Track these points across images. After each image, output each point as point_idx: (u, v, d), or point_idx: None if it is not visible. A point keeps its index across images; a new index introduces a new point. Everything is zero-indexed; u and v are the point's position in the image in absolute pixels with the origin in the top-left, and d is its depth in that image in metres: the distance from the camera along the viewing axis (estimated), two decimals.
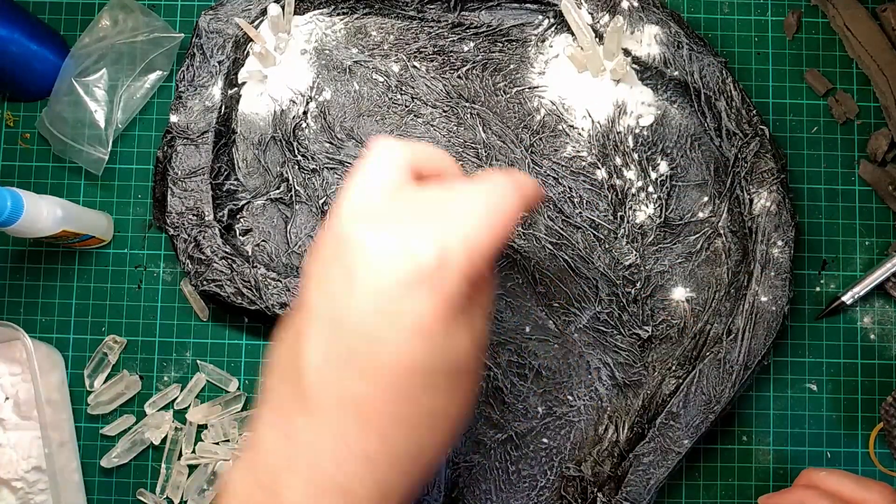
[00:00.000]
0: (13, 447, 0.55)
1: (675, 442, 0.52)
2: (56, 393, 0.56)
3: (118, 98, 0.59)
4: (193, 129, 0.55)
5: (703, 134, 0.55)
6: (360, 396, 0.33)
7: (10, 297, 0.59)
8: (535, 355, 0.54)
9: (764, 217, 0.53)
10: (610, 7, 0.55)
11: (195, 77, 0.56)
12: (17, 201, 0.49)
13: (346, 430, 0.33)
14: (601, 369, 0.54)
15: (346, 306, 0.33)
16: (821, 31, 0.60)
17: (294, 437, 0.33)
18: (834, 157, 0.59)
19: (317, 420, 0.33)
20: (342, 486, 0.33)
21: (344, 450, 0.33)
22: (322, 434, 0.33)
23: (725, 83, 0.54)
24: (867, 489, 0.46)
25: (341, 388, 0.33)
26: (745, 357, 0.52)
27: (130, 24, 0.59)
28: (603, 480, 0.53)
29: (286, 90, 0.57)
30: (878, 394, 0.57)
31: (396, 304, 0.33)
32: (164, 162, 0.55)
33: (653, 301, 0.55)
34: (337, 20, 0.57)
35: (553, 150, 0.55)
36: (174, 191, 0.55)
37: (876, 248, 0.58)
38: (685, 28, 0.54)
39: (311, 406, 0.33)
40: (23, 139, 0.61)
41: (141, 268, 0.59)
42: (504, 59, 0.56)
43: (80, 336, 0.59)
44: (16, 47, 0.57)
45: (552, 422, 0.54)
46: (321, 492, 0.33)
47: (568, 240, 0.55)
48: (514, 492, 0.53)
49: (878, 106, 0.59)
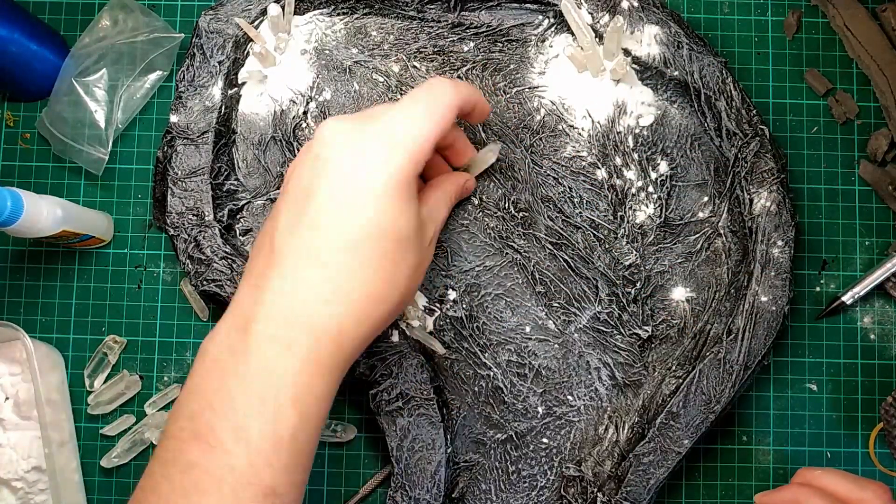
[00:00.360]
0: (13, 447, 0.55)
1: (675, 442, 0.52)
2: (56, 393, 0.56)
3: (118, 98, 0.59)
4: (193, 129, 0.55)
5: (703, 134, 0.55)
6: (318, 248, 0.40)
7: (10, 297, 0.59)
8: (534, 355, 0.54)
9: (764, 217, 0.53)
10: (610, 7, 0.55)
11: (195, 77, 0.56)
12: (17, 201, 0.49)
13: (307, 276, 0.40)
14: (601, 369, 0.54)
15: (312, 182, 0.42)
16: (821, 31, 0.60)
17: (263, 286, 0.40)
18: (834, 157, 0.59)
19: (283, 270, 0.40)
20: (302, 321, 0.40)
21: (305, 292, 0.40)
22: (287, 280, 0.40)
23: (725, 83, 0.54)
24: (862, 488, 0.46)
25: (304, 242, 0.41)
26: (745, 357, 0.52)
27: (130, 24, 0.59)
28: (603, 480, 0.53)
29: (286, 90, 0.57)
30: (878, 394, 0.57)
31: (353, 174, 0.41)
32: (164, 162, 0.55)
33: (653, 301, 0.55)
34: (337, 20, 0.57)
35: (553, 150, 0.55)
36: (174, 191, 0.55)
37: (876, 248, 0.58)
38: (685, 28, 0.54)
39: (278, 260, 0.41)
40: (23, 139, 0.61)
41: (141, 268, 0.59)
42: (504, 59, 0.56)
43: (80, 336, 0.59)
44: (16, 47, 0.57)
45: (552, 422, 0.54)
46: (285, 325, 0.39)
47: (568, 240, 0.55)
48: (513, 492, 0.53)
49: (878, 106, 0.59)
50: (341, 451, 0.58)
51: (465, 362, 0.54)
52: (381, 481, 0.57)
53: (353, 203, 0.41)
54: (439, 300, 0.55)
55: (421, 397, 0.52)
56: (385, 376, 0.53)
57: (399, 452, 0.52)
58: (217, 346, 0.40)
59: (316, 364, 0.40)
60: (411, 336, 0.54)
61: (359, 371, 0.53)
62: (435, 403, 0.52)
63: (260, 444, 0.38)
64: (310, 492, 0.57)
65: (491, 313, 0.55)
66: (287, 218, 0.42)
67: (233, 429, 0.38)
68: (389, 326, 0.53)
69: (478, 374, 0.54)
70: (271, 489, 0.38)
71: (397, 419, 0.52)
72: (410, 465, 0.52)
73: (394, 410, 0.52)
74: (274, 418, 0.38)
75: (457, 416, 0.54)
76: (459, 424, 0.54)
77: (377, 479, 0.57)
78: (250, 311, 0.40)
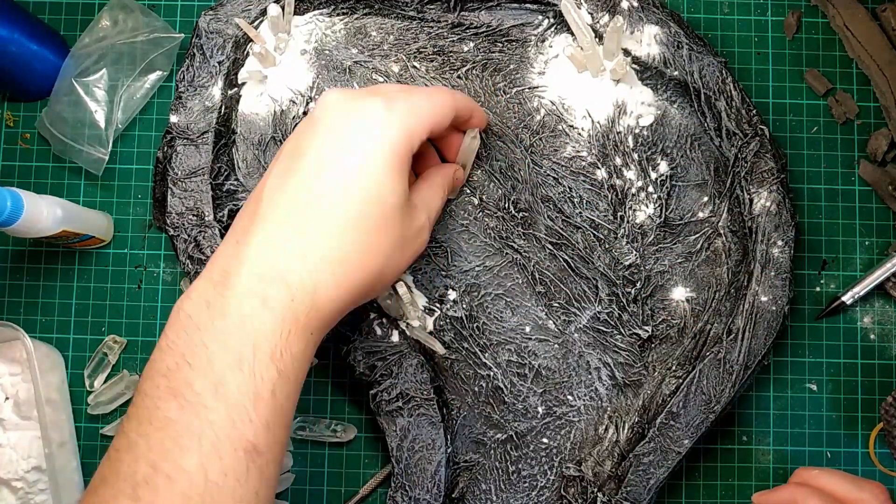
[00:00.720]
0: (13, 447, 0.55)
1: (676, 442, 0.52)
2: (56, 393, 0.56)
3: (118, 98, 0.59)
4: (193, 130, 0.55)
5: (702, 134, 0.55)
6: (302, 206, 0.40)
7: (10, 297, 0.59)
8: (534, 355, 0.54)
9: (764, 217, 0.53)
10: (610, 7, 0.55)
11: (195, 77, 0.56)
12: (17, 201, 0.49)
13: (287, 234, 0.40)
14: (601, 369, 0.54)
15: (304, 141, 0.42)
16: (821, 31, 0.60)
17: (244, 241, 0.40)
18: (834, 157, 0.59)
19: (265, 226, 0.40)
20: (281, 275, 0.39)
21: (284, 248, 0.40)
22: (268, 235, 0.40)
23: (725, 83, 0.54)
24: (860, 488, 0.46)
25: (289, 198, 0.41)
26: (745, 357, 0.52)
27: (130, 25, 0.59)
28: (603, 480, 0.53)
29: (286, 90, 0.57)
30: (878, 394, 0.57)
31: (346, 138, 0.41)
32: (164, 162, 0.55)
33: (653, 301, 0.55)
34: (337, 20, 0.57)
35: (553, 150, 0.55)
36: (174, 191, 0.55)
37: (876, 248, 0.58)
38: (685, 28, 0.54)
39: (261, 216, 0.41)
40: (23, 139, 0.61)
41: (141, 268, 0.59)
42: (504, 60, 0.56)
43: (80, 336, 0.59)
44: (16, 47, 0.57)
45: (552, 422, 0.54)
46: (263, 279, 0.39)
47: (568, 240, 0.55)
48: (514, 492, 0.53)
49: (878, 106, 0.59)
50: (341, 451, 0.58)
51: (465, 362, 0.55)
52: (381, 481, 0.57)
53: (340, 165, 0.41)
54: (439, 300, 0.55)
55: (421, 397, 0.52)
56: (385, 376, 0.53)
57: (399, 452, 0.52)
58: (193, 302, 0.39)
59: (293, 321, 0.39)
60: (411, 336, 0.54)
61: (359, 371, 0.53)
62: (435, 403, 0.52)
63: (239, 399, 0.37)
64: (310, 492, 0.57)
65: (491, 313, 0.55)
66: (276, 175, 0.42)
67: (211, 384, 0.37)
68: (389, 326, 0.53)
69: (478, 374, 0.54)
70: (252, 444, 0.37)
71: (397, 419, 0.52)
72: (410, 465, 0.52)
73: (394, 410, 0.52)
74: (253, 373, 0.38)
75: (457, 416, 0.54)
76: (459, 424, 0.54)
77: (377, 479, 0.57)
78: (229, 266, 0.40)
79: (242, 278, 0.39)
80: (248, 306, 0.39)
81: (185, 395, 0.37)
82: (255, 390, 0.37)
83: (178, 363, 0.38)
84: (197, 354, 0.38)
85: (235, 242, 0.41)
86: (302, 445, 0.58)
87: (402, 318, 0.54)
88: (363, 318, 0.53)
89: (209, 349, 0.38)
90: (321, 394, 0.58)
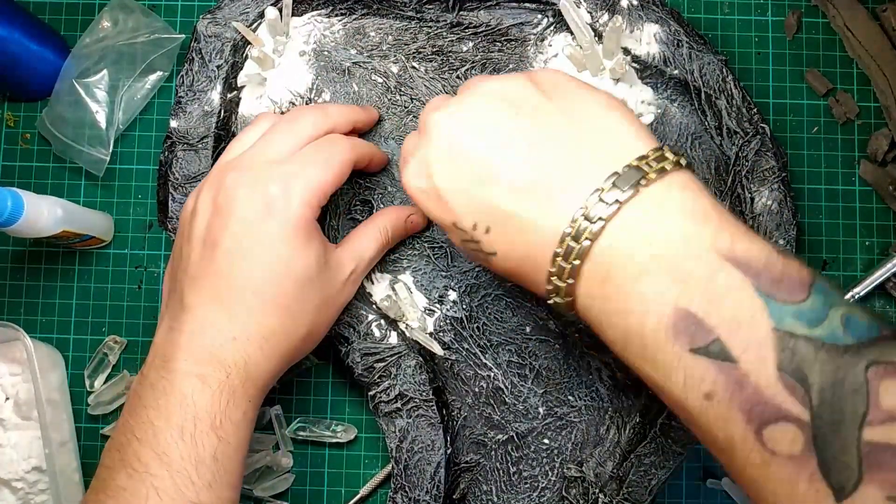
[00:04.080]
0: (13, 447, 0.55)
1: (677, 442, 0.51)
2: (56, 393, 0.56)
3: (119, 99, 0.59)
4: (193, 135, 0.55)
5: (703, 132, 0.55)
6: (224, 294, 0.45)
7: (10, 297, 0.59)
8: (535, 355, 0.54)
9: (765, 215, 0.53)
10: (609, 6, 0.55)
11: (194, 82, 0.56)
12: (18, 201, 0.49)
13: (215, 319, 0.45)
14: (602, 369, 0.54)
15: (216, 233, 0.46)
16: (821, 31, 0.60)
17: (178, 328, 0.45)
18: (834, 157, 0.59)
19: (195, 314, 0.45)
20: (214, 356, 0.44)
21: (213, 333, 0.45)
22: (198, 322, 0.45)
23: (725, 81, 0.54)
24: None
25: (212, 288, 0.45)
26: None
27: (131, 25, 0.59)
28: (605, 481, 0.53)
29: (286, 92, 0.57)
30: None
31: (253, 224, 0.45)
32: (166, 167, 0.55)
33: None
34: (335, 21, 0.57)
35: None
36: (175, 196, 0.55)
37: (876, 248, 0.58)
38: (685, 26, 0.54)
39: (189, 305, 0.45)
40: (23, 139, 0.61)
41: (141, 268, 0.59)
42: (503, 59, 0.56)
43: (80, 336, 0.59)
44: (16, 47, 0.57)
45: (553, 422, 0.54)
46: (198, 362, 0.44)
47: None
48: (515, 493, 0.53)
49: (879, 106, 0.59)
50: (341, 452, 0.57)
51: (465, 363, 0.54)
52: (381, 482, 0.57)
53: (253, 251, 0.45)
54: (439, 301, 0.55)
55: (420, 398, 0.52)
56: (384, 377, 0.53)
57: (399, 454, 0.52)
58: (142, 385, 0.45)
59: (230, 393, 0.44)
60: (411, 337, 0.54)
61: (357, 372, 0.53)
62: (434, 404, 0.52)
63: (181, 464, 0.42)
64: (310, 492, 0.57)
65: (491, 314, 0.55)
66: (195, 267, 0.46)
67: (156, 455, 0.42)
68: (388, 327, 0.53)
69: (478, 374, 0.54)
70: (194, 503, 0.42)
71: (396, 420, 0.52)
72: (410, 466, 0.52)
73: (393, 412, 0.52)
74: (194, 442, 0.42)
75: (457, 417, 0.54)
76: (460, 425, 0.54)
77: (377, 479, 0.57)
78: (166, 352, 0.45)
79: (180, 363, 0.44)
80: (188, 386, 0.43)
81: (133, 466, 0.42)
82: (197, 456, 0.42)
83: (129, 438, 0.43)
84: (144, 430, 0.43)
85: (170, 329, 0.46)
86: (302, 445, 0.58)
87: (402, 319, 0.54)
88: (361, 319, 0.53)
89: (154, 425, 0.43)
90: (321, 394, 0.58)
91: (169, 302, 0.48)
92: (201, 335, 0.45)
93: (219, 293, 0.45)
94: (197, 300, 0.46)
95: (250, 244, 0.45)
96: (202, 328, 0.45)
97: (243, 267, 0.45)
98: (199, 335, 0.45)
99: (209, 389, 0.43)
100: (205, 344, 0.45)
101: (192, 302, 0.46)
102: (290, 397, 0.58)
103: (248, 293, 0.45)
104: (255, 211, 0.46)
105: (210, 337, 0.45)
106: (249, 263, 0.45)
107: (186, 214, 0.49)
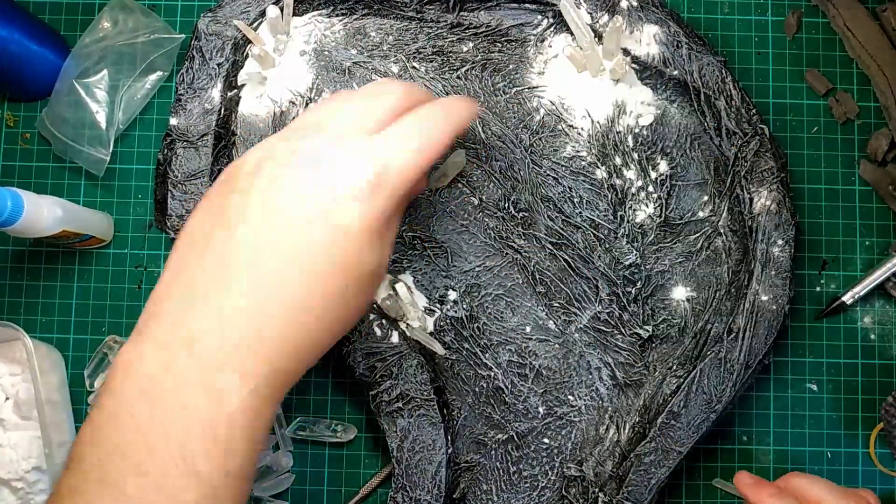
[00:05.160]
0: (13, 447, 0.55)
1: (677, 441, 0.52)
2: (56, 393, 0.56)
3: (119, 99, 0.59)
4: (193, 132, 0.55)
5: (702, 133, 0.55)
6: (276, 285, 0.37)
7: (10, 297, 0.59)
8: (535, 355, 0.54)
9: (764, 216, 0.53)
10: (609, 7, 0.55)
11: (194, 80, 0.56)
12: (18, 201, 0.49)
13: (236, 320, 0.37)
14: (602, 369, 0.54)
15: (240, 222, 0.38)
16: (821, 31, 0.60)
17: (194, 353, 0.37)
18: (834, 157, 0.59)
19: (219, 333, 0.37)
20: (231, 361, 0.36)
21: (234, 332, 0.37)
22: (216, 325, 0.37)
23: (725, 82, 0.54)
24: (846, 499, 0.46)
25: (258, 275, 0.37)
26: (745, 356, 0.52)
27: (131, 25, 0.59)
28: (604, 480, 0.53)
29: (286, 92, 0.57)
30: (878, 394, 0.57)
31: (333, 215, 0.37)
32: (165, 164, 0.55)
33: (653, 300, 0.55)
34: (336, 21, 0.57)
35: (553, 150, 0.55)
36: (174, 194, 0.55)
37: (876, 248, 0.58)
38: (684, 27, 0.54)
39: (209, 333, 0.37)
40: (23, 139, 0.61)
41: (141, 268, 0.59)
42: (503, 60, 0.56)
43: (80, 336, 0.59)
44: (16, 47, 0.57)
45: (553, 422, 0.54)
46: (212, 367, 0.36)
47: (568, 240, 0.55)
48: (515, 492, 0.53)
49: (879, 106, 0.59)
50: (341, 451, 0.58)
51: (465, 363, 0.54)
52: (381, 481, 0.57)
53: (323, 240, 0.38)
54: (439, 301, 0.55)
55: (421, 398, 0.52)
56: (385, 377, 0.53)
57: (399, 453, 0.52)
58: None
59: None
60: (411, 337, 0.54)
61: (359, 372, 0.53)
62: (435, 404, 0.52)
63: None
64: (310, 492, 0.57)
65: (491, 314, 0.55)
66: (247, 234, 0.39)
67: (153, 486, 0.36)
68: (389, 327, 0.53)
69: (478, 374, 0.54)
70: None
71: (397, 420, 0.52)
72: (411, 465, 0.52)
73: (394, 411, 0.52)
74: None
75: (458, 417, 0.54)
76: (460, 425, 0.54)
77: (377, 479, 0.57)
78: (174, 349, 0.38)
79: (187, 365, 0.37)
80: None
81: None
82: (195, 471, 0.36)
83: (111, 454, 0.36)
84: (134, 445, 0.36)
85: (189, 353, 0.37)
86: (302, 445, 0.58)
87: (402, 319, 0.54)
88: (363, 318, 0.53)
89: (148, 440, 0.36)
90: (321, 394, 0.58)
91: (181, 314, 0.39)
92: (216, 338, 0.38)
93: (265, 281, 0.38)
94: (218, 327, 0.38)
95: (320, 231, 0.38)
96: (219, 327, 0.38)
97: (307, 255, 0.38)
98: (210, 336, 0.37)
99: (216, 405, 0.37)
100: (214, 344, 0.37)
101: (211, 333, 0.38)
102: (290, 397, 0.58)
103: (299, 286, 0.38)
104: (341, 191, 0.38)
105: (224, 336, 0.38)
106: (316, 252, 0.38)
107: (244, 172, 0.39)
